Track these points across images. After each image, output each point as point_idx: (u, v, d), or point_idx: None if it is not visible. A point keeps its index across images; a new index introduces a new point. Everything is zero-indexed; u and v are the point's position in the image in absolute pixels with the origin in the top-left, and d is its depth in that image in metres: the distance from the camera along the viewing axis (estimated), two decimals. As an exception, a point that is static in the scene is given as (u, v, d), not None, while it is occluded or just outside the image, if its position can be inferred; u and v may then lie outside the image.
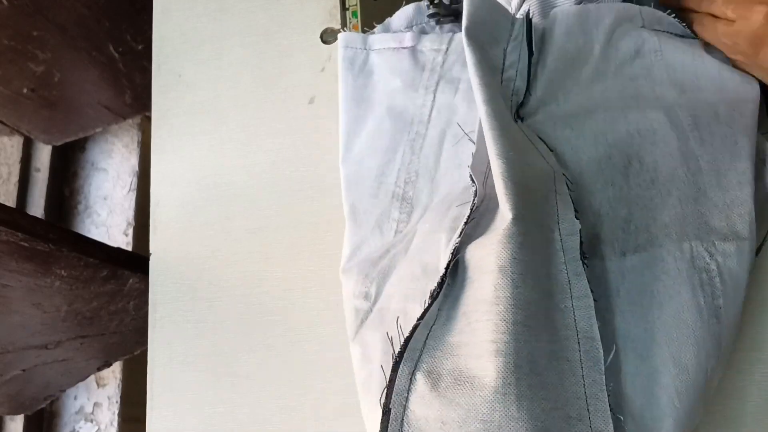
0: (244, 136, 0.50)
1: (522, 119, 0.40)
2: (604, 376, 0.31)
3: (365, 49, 0.46)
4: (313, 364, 0.44)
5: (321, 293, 0.45)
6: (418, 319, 0.32)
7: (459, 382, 0.30)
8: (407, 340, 0.32)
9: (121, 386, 0.80)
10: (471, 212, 0.34)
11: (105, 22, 0.66)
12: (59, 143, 0.80)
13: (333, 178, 0.48)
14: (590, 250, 0.36)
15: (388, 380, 0.31)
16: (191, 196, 0.50)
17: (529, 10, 0.41)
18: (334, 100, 0.49)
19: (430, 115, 0.44)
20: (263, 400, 0.44)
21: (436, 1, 0.44)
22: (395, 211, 0.42)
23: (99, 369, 0.76)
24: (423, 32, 0.45)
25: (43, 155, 0.82)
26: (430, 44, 0.45)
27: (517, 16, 0.42)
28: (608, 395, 0.30)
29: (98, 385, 0.80)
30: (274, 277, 0.46)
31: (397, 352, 0.32)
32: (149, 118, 0.56)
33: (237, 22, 0.53)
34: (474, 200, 0.35)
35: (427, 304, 0.33)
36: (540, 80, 0.41)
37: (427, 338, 0.32)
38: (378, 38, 0.46)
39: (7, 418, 0.77)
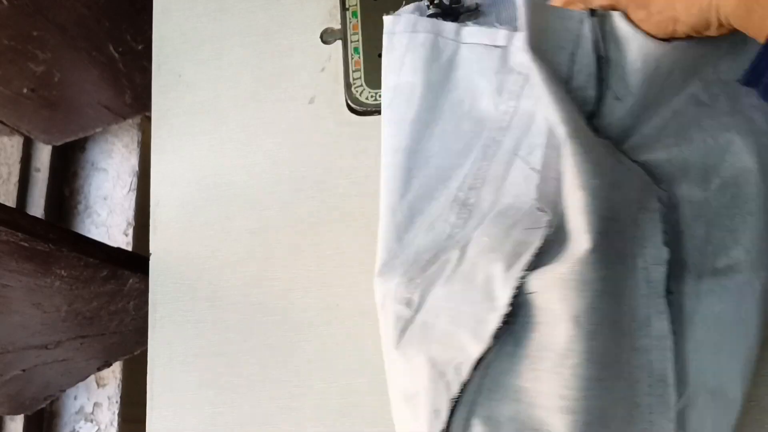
0: (244, 136, 0.50)
1: (596, 131, 0.36)
2: (673, 424, 0.30)
3: (456, 41, 0.42)
4: (313, 364, 0.44)
5: (321, 293, 0.45)
6: (477, 362, 0.30)
7: None
8: (464, 384, 0.30)
9: (121, 386, 0.80)
10: (541, 245, 0.32)
11: (105, 22, 0.66)
12: (59, 143, 0.80)
13: (333, 177, 0.48)
14: (670, 272, 0.33)
15: (445, 423, 0.29)
16: (191, 196, 0.50)
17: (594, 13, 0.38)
18: (335, 100, 0.49)
19: (510, 122, 0.40)
20: (263, 400, 0.44)
21: (436, 2, 0.44)
22: (452, 216, 0.39)
23: (99, 369, 0.76)
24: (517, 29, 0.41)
25: (43, 155, 0.82)
26: (520, 43, 0.41)
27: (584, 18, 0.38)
28: None
29: (98, 385, 0.80)
30: (274, 277, 0.46)
31: (453, 395, 0.30)
32: (149, 118, 0.56)
33: (237, 22, 0.53)
34: (546, 231, 0.32)
35: (487, 345, 0.30)
36: (616, 86, 0.37)
37: (484, 378, 0.31)
38: (472, 31, 0.42)
39: (7, 418, 0.77)
